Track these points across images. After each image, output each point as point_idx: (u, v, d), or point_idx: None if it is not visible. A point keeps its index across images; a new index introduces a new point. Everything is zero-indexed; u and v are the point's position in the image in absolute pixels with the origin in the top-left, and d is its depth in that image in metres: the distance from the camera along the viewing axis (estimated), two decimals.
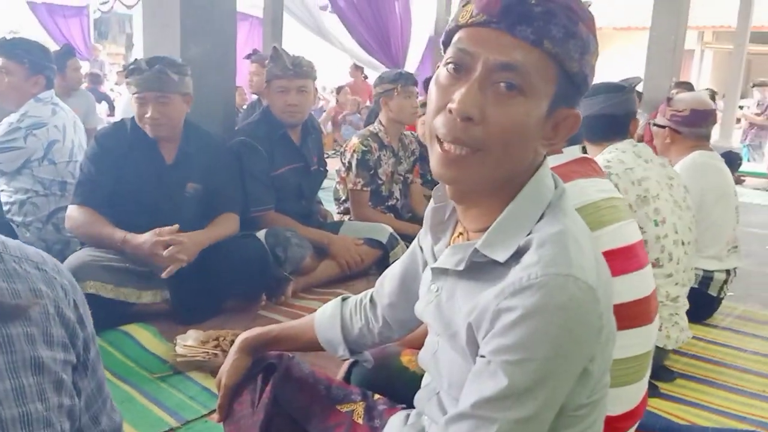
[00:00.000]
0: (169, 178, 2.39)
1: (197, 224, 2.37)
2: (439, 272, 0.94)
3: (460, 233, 0.95)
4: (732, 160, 6.42)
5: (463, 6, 0.83)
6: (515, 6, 0.78)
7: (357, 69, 9.58)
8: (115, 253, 2.24)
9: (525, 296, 0.75)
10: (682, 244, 2.02)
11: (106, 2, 11.30)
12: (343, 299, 1.27)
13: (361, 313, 1.23)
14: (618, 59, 13.98)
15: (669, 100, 2.65)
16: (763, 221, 5.16)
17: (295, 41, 8.83)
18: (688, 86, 5.64)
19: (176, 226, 2.23)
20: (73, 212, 2.31)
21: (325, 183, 3.35)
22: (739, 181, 6.71)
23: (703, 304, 2.53)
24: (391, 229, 3.01)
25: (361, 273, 2.92)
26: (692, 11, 6.74)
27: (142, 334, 2.13)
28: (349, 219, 3.27)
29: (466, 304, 0.86)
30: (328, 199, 3.98)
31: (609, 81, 2.04)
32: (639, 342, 1.45)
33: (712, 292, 2.60)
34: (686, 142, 2.61)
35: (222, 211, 2.47)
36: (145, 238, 2.19)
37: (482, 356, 0.80)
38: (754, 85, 8.91)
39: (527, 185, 0.86)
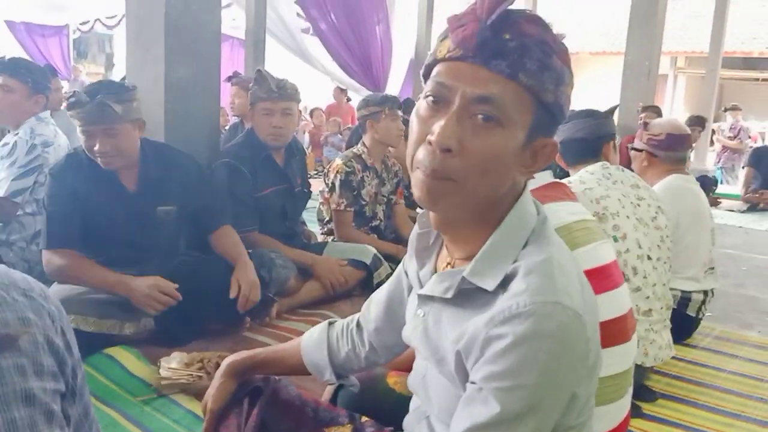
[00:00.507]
0: (135, 206, 2.29)
1: (177, 247, 2.34)
2: (426, 298, 0.96)
3: (448, 262, 0.97)
4: (707, 183, 6.60)
5: (441, 41, 0.86)
6: (490, 41, 0.80)
7: (341, 92, 9.66)
8: None
9: (514, 324, 0.77)
10: (648, 258, 2.06)
11: (86, 22, 11.26)
12: (330, 323, 1.29)
13: (348, 338, 1.24)
14: (593, 84, 14.25)
15: (646, 124, 2.72)
16: (739, 242, 5.26)
17: (277, 63, 8.88)
18: (656, 110, 5.77)
19: (176, 285, 2.19)
20: (53, 258, 2.17)
21: (309, 203, 3.36)
22: (715, 203, 6.85)
23: (682, 324, 2.57)
24: (374, 250, 3.02)
25: (344, 294, 2.92)
26: (666, 37, 6.90)
27: (125, 356, 2.11)
28: (333, 240, 3.28)
29: (454, 331, 0.88)
30: (311, 220, 3.99)
31: (583, 108, 2.13)
32: (618, 360, 1.48)
33: (691, 312, 2.64)
34: (663, 165, 2.68)
35: (215, 227, 2.43)
36: (142, 285, 2.14)
37: (473, 383, 0.82)
38: (725, 110, 9.14)
39: (510, 213, 0.88)
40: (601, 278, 1.47)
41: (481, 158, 0.82)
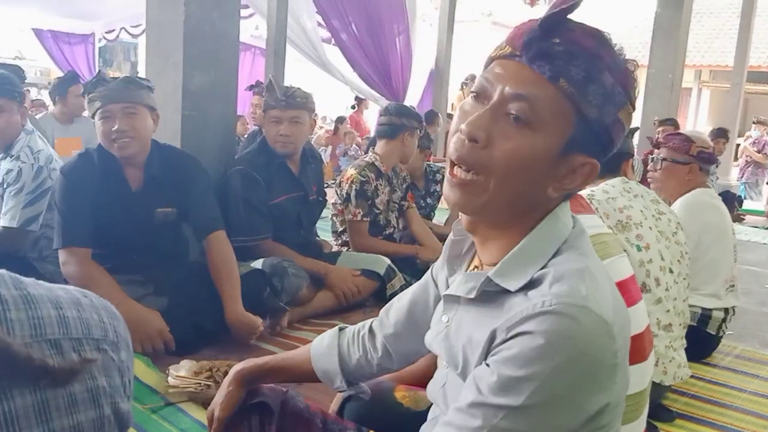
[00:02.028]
0: (136, 206, 2.29)
1: (184, 253, 2.34)
2: (451, 301, 0.94)
3: (476, 266, 0.96)
4: (731, 198, 6.49)
5: (500, 44, 0.87)
6: (537, 42, 0.80)
7: (362, 102, 9.72)
8: None
9: (536, 321, 0.75)
10: (670, 271, 2.02)
11: (111, 30, 11.42)
12: (341, 329, 1.27)
13: (359, 344, 1.22)
14: None
15: (687, 136, 2.62)
16: (762, 260, 5.15)
17: (298, 72, 8.93)
18: (673, 123, 5.68)
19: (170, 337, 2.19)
20: (69, 260, 2.18)
21: (323, 213, 3.35)
22: (738, 219, 6.73)
23: (701, 342, 2.51)
24: (389, 261, 3.00)
25: (357, 305, 2.90)
26: (690, 51, 6.83)
27: (135, 363, 2.09)
28: (347, 250, 3.27)
29: (476, 332, 0.86)
30: (325, 229, 3.98)
31: None
32: (635, 380, 1.44)
33: (711, 330, 2.58)
34: (701, 178, 2.63)
35: (208, 231, 2.38)
36: (147, 321, 2.15)
37: (487, 365, 0.80)
38: (755, 122, 9.01)
39: (544, 221, 0.87)
40: (622, 293, 1.43)
41: (505, 156, 0.81)
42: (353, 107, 10.25)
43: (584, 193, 1.99)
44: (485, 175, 0.82)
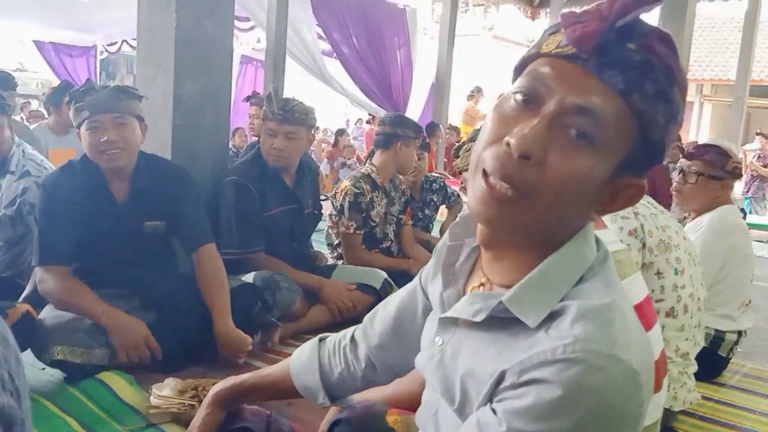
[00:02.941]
0: (123, 219, 2.20)
1: (172, 267, 2.26)
2: (448, 324, 0.83)
3: (482, 283, 0.83)
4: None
5: (550, 34, 0.75)
6: (612, 46, 0.68)
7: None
8: None
9: (556, 369, 0.65)
10: (698, 299, 1.94)
11: (113, 43, 11.43)
12: (321, 339, 1.18)
13: (341, 356, 1.13)
14: None
15: (724, 150, 2.51)
16: None
17: (298, 85, 8.91)
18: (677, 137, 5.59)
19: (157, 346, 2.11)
20: (46, 277, 2.09)
21: (319, 225, 3.27)
22: None
23: (711, 364, 2.42)
24: (385, 275, 2.92)
25: (352, 319, 2.80)
26: (691, 65, 6.78)
27: (117, 382, 2.01)
28: (343, 263, 3.19)
29: (479, 366, 0.75)
30: (321, 241, 3.90)
31: None
32: (648, 412, 1.35)
33: (722, 352, 2.49)
34: (730, 193, 2.54)
35: (197, 245, 2.30)
36: (132, 329, 2.07)
37: (493, 410, 0.69)
38: (758, 134, 8.95)
39: (568, 243, 0.76)
40: (638, 318, 1.35)
41: (562, 179, 0.69)
42: (368, 122, 10.20)
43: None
44: (532, 197, 0.70)
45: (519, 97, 0.73)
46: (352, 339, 1.14)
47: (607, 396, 0.65)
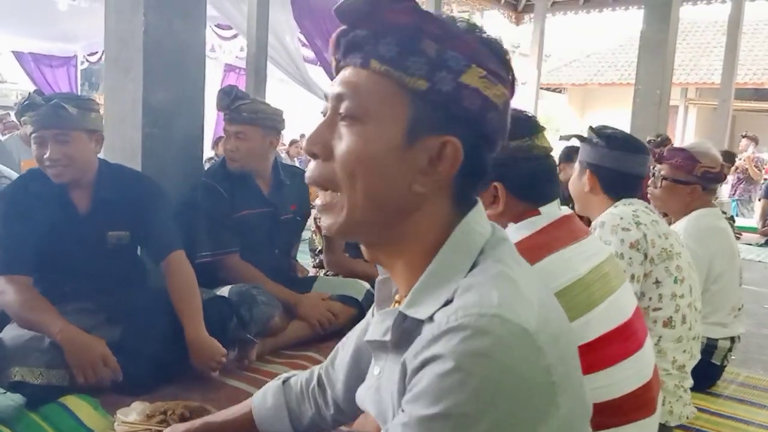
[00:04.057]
0: (85, 229, 2.12)
1: (129, 279, 2.15)
2: (378, 348, 0.80)
3: (397, 302, 0.82)
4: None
5: None
6: (343, 37, 0.76)
7: None
8: None
9: (443, 342, 0.64)
10: (696, 309, 1.85)
11: (94, 53, 11.28)
12: (284, 381, 1.08)
13: (310, 400, 1.04)
14: (604, 114, 14.13)
15: (691, 154, 2.40)
16: (759, 278, 5.01)
17: (281, 92, 8.80)
18: (665, 140, 5.52)
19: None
20: (6, 289, 1.99)
21: (303, 234, 3.16)
22: (736, 237, 6.59)
23: (706, 374, 2.33)
24: (368, 286, 2.81)
25: (334, 333, 2.68)
26: (676, 69, 6.76)
27: (80, 406, 1.88)
28: (325, 273, 3.08)
29: (398, 376, 0.71)
30: (303, 251, 3.79)
31: (629, 135, 1.92)
32: None
33: (716, 360, 2.41)
34: (704, 198, 2.44)
35: (165, 253, 2.20)
36: (89, 347, 1.93)
37: (402, 410, 0.67)
38: (744, 136, 8.95)
39: (452, 235, 0.76)
40: (625, 338, 1.26)
41: (344, 159, 0.74)
42: None
43: (620, 212, 1.81)
44: (337, 187, 0.75)
45: (322, 114, 0.81)
46: (320, 381, 1.06)
47: (499, 359, 0.62)
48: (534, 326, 0.65)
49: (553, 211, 1.35)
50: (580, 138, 1.91)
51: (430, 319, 0.70)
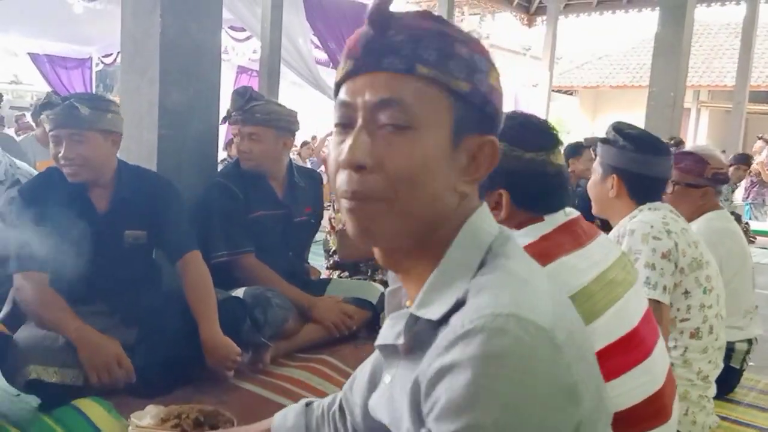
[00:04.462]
0: (103, 228, 2.12)
1: (144, 281, 2.15)
2: (390, 354, 0.78)
3: (407, 305, 0.81)
4: (738, 221, 6.29)
5: (340, 65, 0.79)
6: (374, 42, 0.73)
7: None
8: None
9: (460, 347, 0.62)
10: (721, 318, 1.82)
11: (109, 55, 11.35)
12: (307, 404, 1.07)
13: (331, 425, 1.02)
14: (617, 116, 14.05)
15: (700, 157, 2.38)
16: None
17: (294, 95, 8.81)
18: (679, 142, 5.47)
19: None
20: (24, 286, 2.01)
21: (317, 236, 3.15)
22: (749, 241, 6.54)
23: (725, 378, 2.29)
24: (382, 289, 2.79)
25: (348, 337, 2.67)
26: (689, 71, 6.71)
27: (94, 410, 1.88)
28: (339, 275, 3.07)
29: (410, 385, 0.69)
30: (318, 253, 3.78)
31: (654, 136, 1.87)
32: None
33: (735, 364, 2.38)
34: (714, 200, 2.42)
35: (181, 253, 2.20)
36: (103, 348, 1.93)
37: (429, 431, 0.64)
38: (760, 138, 8.87)
39: (459, 234, 0.76)
40: (631, 348, 1.22)
41: (403, 169, 0.72)
42: None
43: (648, 218, 1.77)
44: (387, 199, 0.72)
45: (337, 126, 0.77)
46: (341, 407, 1.04)
47: (520, 360, 0.60)
48: (550, 323, 0.64)
49: (557, 218, 1.32)
50: (603, 140, 1.86)
51: (445, 322, 0.68)
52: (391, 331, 0.77)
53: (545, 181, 1.28)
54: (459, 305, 0.69)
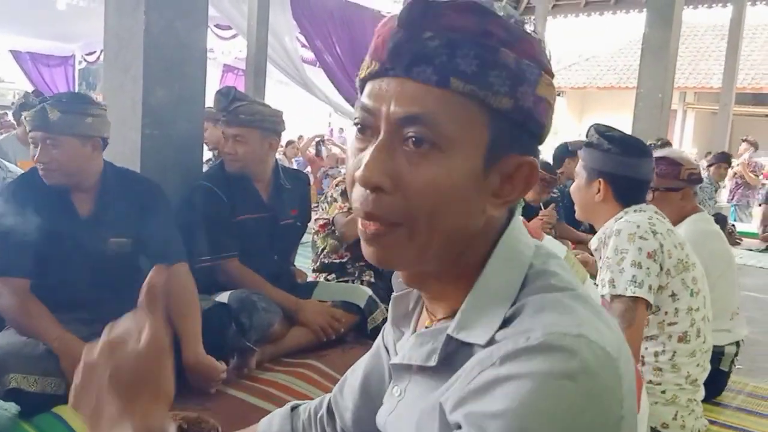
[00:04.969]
0: (85, 234, 2.04)
1: (128, 289, 2.09)
2: (403, 370, 0.73)
3: (426, 325, 0.74)
4: (723, 222, 6.32)
5: (365, 59, 0.69)
6: (405, 44, 0.63)
7: None
8: None
9: (521, 361, 0.57)
10: (708, 320, 1.81)
11: (92, 53, 11.23)
12: (293, 408, 1.03)
13: (317, 429, 0.98)
14: (603, 117, 14.12)
15: (673, 160, 2.39)
16: (762, 284, 4.97)
17: (279, 94, 8.77)
18: (666, 143, 5.48)
19: None
20: (3, 290, 1.95)
21: (304, 238, 3.11)
22: (735, 243, 6.58)
23: (713, 381, 2.28)
24: (370, 292, 2.75)
25: (335, 341, 2.63)
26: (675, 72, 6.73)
27: (75, 417, 1.83)
28: (326, 277, 3.04)
29: (432, 402, 0.65)
30: (305, 255, 3.73)
31: (637, 138, 1.86)
32: None
33: (723, 367, 2.37)
34: (693, 200, 2.43)
35: (168, 264, 2.12)
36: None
37: (459, 426, 0.60)
38: (744, 140, 8.94)
39: (497, 248, 0.69)
40: None
41: (425, 194, 0.63)
42: None
43: (639, 220, 1.75)
44: (405, 224, 0.65)
45: (357, 129, 0.69)
46: (329, 409, 0.99)
47: (585, 384, 0.55)
48: (617, 351, 0.60)
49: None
50: (588, 144, 1.85)
51: (491, 342, 0.63)
52: (418, 351, 0.70)
53: None
54: (508, 322, 0.63)
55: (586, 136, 1.87)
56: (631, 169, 1.80)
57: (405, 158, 0.64)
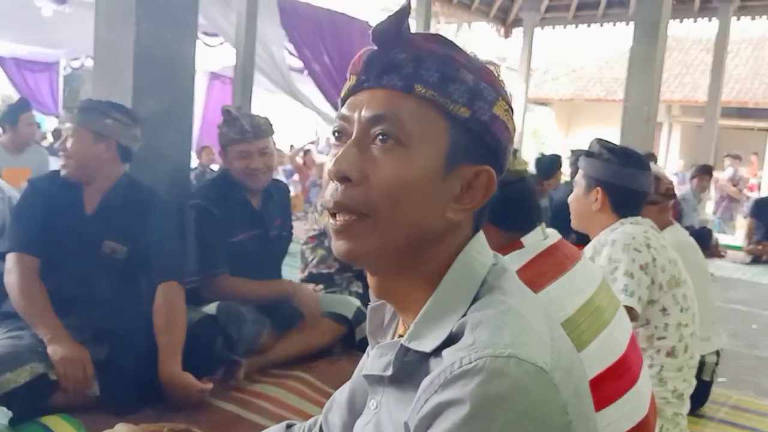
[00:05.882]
0: (86, 229, 2.14)
1: (121, 299, 2.10)
2: (374, 382, 0.77)
3: (400, 335, 0.79)
4: (708, 235, 6.41)
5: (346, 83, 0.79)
6: (377, 58, 0.74)
7: None
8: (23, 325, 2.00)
9: (457, 387, 0.61)
10: (695, 336, 1.84)
11: (77, 59, 11.17)
12: (288, 426, 1.04)
13: None
14: (590, 129, 14.23)
15: (655, 175, 2.46)
16: (746, 297, 5.02)
17: (265, 102, 8.75)
18: (652, 158, 5.56)
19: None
20: (12, 266, 2.05)
21: (291, 249, 3.10)
22: (719, 255, 6.67)
23: (697, 392, 2.31)
24: (358, 303, 2.76)
25: (323, 352, 2.63)
26: (661, 85, 6.81)
27: (63, 427, 1.82)
28: (314, 289, 3.03)
29: (402, 416, 0.68)
30: (293, 265, 3.73)
31: (637, 152, 1.90)
32: None
33: (706, 377, 2.41)
34: (668, 215, 2.49)
35: (161, 280, 2.14)
36: (72, 348, 1.92)
37: None
38: (727, 155, 9.06)
39: (453, 265, 0.75)
40: (619, 375, 1.21)
41: (385, 184, 0.71)
42: None
43: (635, 232, 1.77)
44: (370, 215, 0.72)
45: (334, 137, 0.77)
46: (321, 430, 1.00)
47: (518, 401, 0.60)
48: (549, 364, 0.63)
49: (536, 240, 1.29)
50: (588, 154, 1.87)
51: (436, 353, 0.68)
52: (378, 361, 0.75)
53: (506, 193, 1.22)
54: (453, 339, 0.68)
55: (589, 148, 1.89)
56: (630, 179, 1.82)
57: (372, 154, 0.72)
